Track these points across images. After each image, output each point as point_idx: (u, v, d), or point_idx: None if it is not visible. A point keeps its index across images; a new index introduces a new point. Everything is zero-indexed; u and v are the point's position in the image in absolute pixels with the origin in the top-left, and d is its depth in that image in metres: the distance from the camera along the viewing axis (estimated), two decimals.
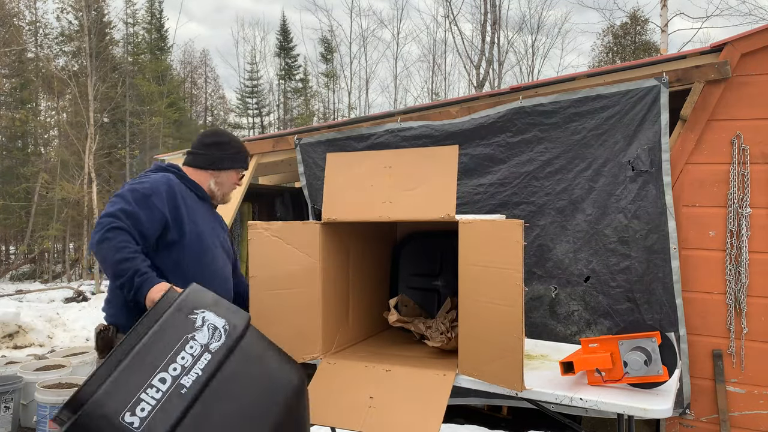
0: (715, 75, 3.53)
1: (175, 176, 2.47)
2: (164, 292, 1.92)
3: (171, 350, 1.77)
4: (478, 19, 21.06)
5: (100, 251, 2.16)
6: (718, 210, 3.56)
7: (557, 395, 2.18)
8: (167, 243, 2.33)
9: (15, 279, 18.80)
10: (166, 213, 2.31)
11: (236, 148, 2.63)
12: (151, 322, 1.80)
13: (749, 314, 3.48)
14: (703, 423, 3.60)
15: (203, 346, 1.83)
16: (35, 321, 8.17)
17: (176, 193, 2.38)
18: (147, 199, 2.27)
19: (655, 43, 22.83)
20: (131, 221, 2.19)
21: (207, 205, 2.59)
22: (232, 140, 2.66)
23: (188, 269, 2.35)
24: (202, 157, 2.57)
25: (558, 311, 3.82)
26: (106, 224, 2.15)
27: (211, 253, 2.46)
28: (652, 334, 2.23)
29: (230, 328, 1.91)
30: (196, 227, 2.41)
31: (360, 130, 4.42)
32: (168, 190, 2.36)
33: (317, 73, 34.28)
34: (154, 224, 2.27)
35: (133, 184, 2.33)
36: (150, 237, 2.27)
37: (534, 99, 3.91)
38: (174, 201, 2.36)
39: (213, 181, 2.58)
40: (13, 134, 21.96)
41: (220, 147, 2.59)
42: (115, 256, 2.13)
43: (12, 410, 4.38)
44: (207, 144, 2.59)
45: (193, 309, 1.89)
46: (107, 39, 23.32)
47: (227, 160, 2.59)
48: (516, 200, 3.94)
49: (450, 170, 2.53)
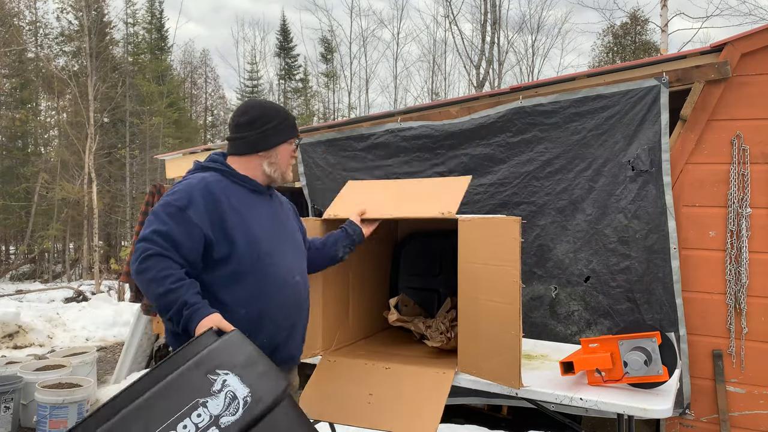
0: (715, 75, 3.53)
1: (217, 174, 2.10)
2: (206, 329, 1.71)
3: (174, 414, 1.51)
4: (478, 19, 21.06)
5: (141, 283, 1.89)
6: (718, 210, 3.56)
7: (557, 395, 2.18)
8: (217, 259, 1.99)
9: (15, 279, 18.80)
10: (206, 227, 1.96)
11: (279, 117, 2.20)
12: (171, 369, 1.57)
13: (749, 314, 3.48)
14: (703, 423, 3.60)
15: (212, 417, 1.54)
16: (35, 321, 8.17)
17: (217, 198, 2.01)
18: (182, 213, 1.93)
19: (655, 43, 22.82)
20: (168, 243, 1.89)
21: (264, 197, 2.21)
22: (271, 109, 2.22)
23: (247, 283, 2.02)
24: (243, 142, 2.16)
25: (558, 311, 3.82)
26: (140, 252, 1.88)
27: (270, 259, 2.08)
28: (652, 334, 2.23)
29: (252, 402, 1.58)
30: (250, 232, 2.05)
31: (360, 130, 4.42)
32: (206, 196, 1.99)
33: (317, 73, 34.28)
34: (195, 242, 1.94)
35: (167, 197, 1.99)
36: (193, 258, 1.94)
37: (534, 99, 3.91)
38: (216, 208, 2.00)
39: (267, 164, 2.18)
40: (13, 134, 21.96)
41: (261, 122, 2.16)
42: (157, 289, 1.85)
43: (12, 410, 4.38)
44: (243, 124, 2.16)
45: (215, 368, 1.60)
46: (107, 39, 23.31)
47: (274, 134, 2.17)
48: (516, 200, 3.94)
49: (459, 187, 2.56)
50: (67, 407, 4.15)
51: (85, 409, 4.29)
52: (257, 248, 2.05)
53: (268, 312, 2.05)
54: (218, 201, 2.00)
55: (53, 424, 4.12)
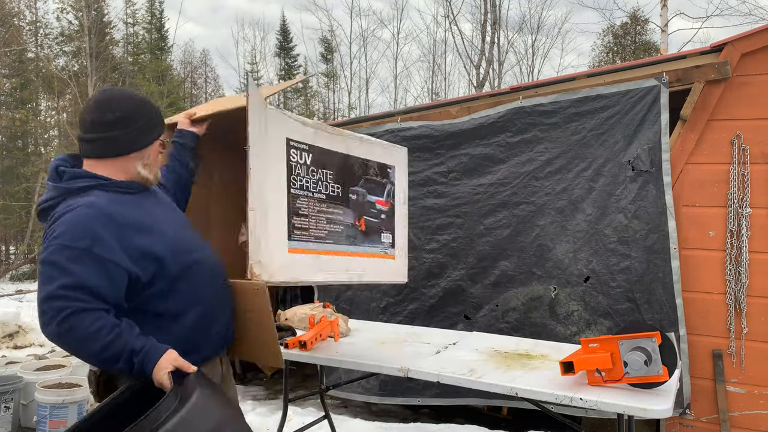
0: (715, 75, 3.53)
1: (101, 192, 1.78)
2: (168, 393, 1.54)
3: None
4: (478, 19, 21.07)
5: (69, 347, 1.62)
6: (718, 210, 3.56)
7: (557, 395, 2.18)
8: (146, 281, 1.75)
9: (15, 279, 18.79)
10: (123, 261, 1.69)
11: (149, 111, 1.92)
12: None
13: (749, 314, 3.48)
14: (703, 423, 3.60)
15: None
16: (35, 321, 8.17)
17: (119, 222, 1.72)
18: (88, 253, 1.64)
19: (655, 43, 22.83)
20: (83, 293, 1.61)
21: (146, 193, 1.93)
22: (139, 103, 1.92)
23: (182, 288, 1.83)
24: (111, 143, 1.82)
25: (558, 311, 3.82)
26: (55, 313, 1.58)
27: (191, 254, 1.90)
28: (652, 334, 2.23)
29: None
30: (167, 239, 1.83)
31: (360, 130, 4.42)
32: (108, 225, 1.69)
33: (317, 73, 34.29)
34: (114, 280, 1.67)
35: (57, 240, 1.65)
36: (116, 296, 1.68)
37: (534, 99, 3.91)
38: (124, 235, 1.71)
39: (141, 166, 1.89)
40: (13, 134, 21.96)
41: (132, 119, 1.85)
42: (93, 347, 1.61)
43: (12, 410, 4.38)
44: (110, 122, 1.82)
45: None
46: (107, 39, 23.34)
47: (147, 132, 1.89)
48: (516, 200, 3.94)
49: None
50: (67, 407, 4.14)
51: (85, 409, 4.28)
52: (180, 251, 1.85)
53: (209, 308, 1.91)
54: (122, 225, 1.72)
55: (53, 424, 4.12)
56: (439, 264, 4.18)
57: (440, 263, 4.18)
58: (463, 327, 3.98)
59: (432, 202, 4.22)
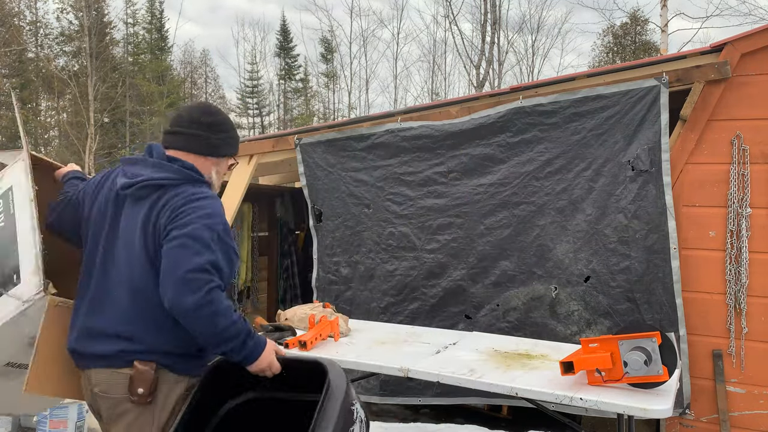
0: (715, 75, 3.53)
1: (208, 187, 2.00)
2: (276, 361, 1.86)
3: None
4: (478, 19, 21.09)
5: (199, 320, 1.75)
6: (718, 210, 3.56)
7: (557, 395, 2.18)
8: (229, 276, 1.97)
9: None
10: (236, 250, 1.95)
11: (234, 130, 2.16)
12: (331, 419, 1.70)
13: (749, 314, 3.48)
14: (703, 423, 3.60)
15: None
16: None
17: None
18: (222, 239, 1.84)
19: (655, 43, 22.85)
20: (217, 272, 1.79)
21: None
22: (229, 120, 2.16)
23: None
24: (204, 142, 2.01)
25: (558, 311, 3.82)
26: (200, 285, 1.73)
27: None
28: (652, 334, 2.23)
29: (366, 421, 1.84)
30: None
31: (360, 130, 4.42)
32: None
33: (317, 73, 34.31)
34: (233, 267, 1.91)
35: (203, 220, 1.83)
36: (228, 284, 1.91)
37: (534, 99, 3.91)
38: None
39: (215, 171, 2.06)
40: (13, 134, 21.97)
41: (224, 128, 2.07)
42: (224, 322, 1.76)
43: None
44: (207, 124, 2.03)
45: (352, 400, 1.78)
46: (107, 39, 23.35)
47: (228, 145, 2.09)
48: (516, 200, 3.95)
49: None
50: (67, 407, 4.14)
51: (85, 409, 4.28)
52: None
53: None
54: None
55: (53, 424, 4.12)
56: (439, 264, 4.18)
57: (441, 263, 4.18)
58: (464, 327, 3.98)
59: (432, 202, 4.22)
